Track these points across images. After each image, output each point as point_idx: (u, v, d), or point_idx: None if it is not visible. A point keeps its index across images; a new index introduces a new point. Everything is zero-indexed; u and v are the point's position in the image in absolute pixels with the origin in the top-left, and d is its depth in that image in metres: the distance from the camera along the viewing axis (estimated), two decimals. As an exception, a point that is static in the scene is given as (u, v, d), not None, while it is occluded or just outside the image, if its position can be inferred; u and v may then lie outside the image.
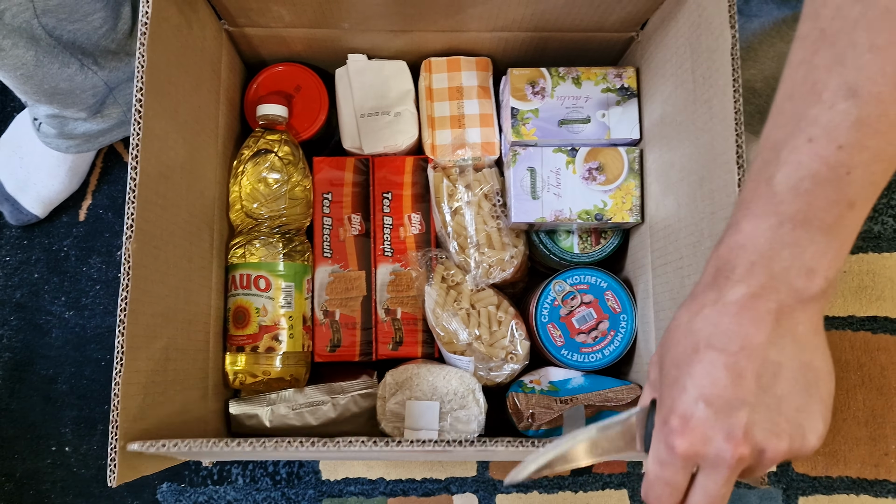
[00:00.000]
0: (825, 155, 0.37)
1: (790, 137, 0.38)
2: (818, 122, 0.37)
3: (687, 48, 0.67)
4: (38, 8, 0.73)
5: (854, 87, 0.36)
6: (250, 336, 0.75)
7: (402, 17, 0.76)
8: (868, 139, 0.36)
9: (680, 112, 0.68)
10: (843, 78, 0.36)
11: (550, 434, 0.77)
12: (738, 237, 0.40)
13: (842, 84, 0.36)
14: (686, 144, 0.67)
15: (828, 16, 0.37)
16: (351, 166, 0.82)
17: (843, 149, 0.36)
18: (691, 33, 0.66)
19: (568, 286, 0.79)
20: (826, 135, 0.36)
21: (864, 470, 0.96)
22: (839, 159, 0.36)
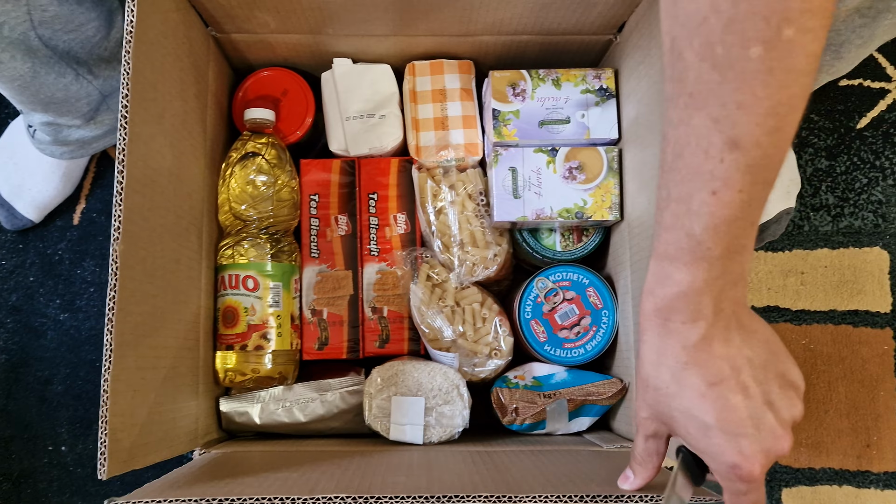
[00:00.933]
0: (730, 200, 0.42)
1: (694, 192, 0.43)
2: (715, 175, 0.42)
3: (658, 50, 0.68)
4: (36, 20, 0.74)
5: (735, 140, 0.41)
6: (239, 335, 0.76)
7: (385, 22, 0.78)
8: (758, 176, 0.42)
9: (652, 112, 0.70)
10: (723, 134, 0.41)
11: (534, 428, 0.79)
12: (676, 288, 0.46)
13: (724, 140, 0.41)
14: (657, 144, 0.68)
15: (691, 80, 0.41)
16: (337, 168, 0.84)
17: (742, 191, 0.42)
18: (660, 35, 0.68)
19: (550, 283, 0.80)
20: (725, 185, 0.42)
21: (846, 461, 0.98)
22: (742, 199, 0.42)
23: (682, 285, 0.45)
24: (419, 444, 0.75)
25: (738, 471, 0.46)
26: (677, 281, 0.45)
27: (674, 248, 0.45)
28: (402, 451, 0.72)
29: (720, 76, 0.40)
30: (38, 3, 0.73)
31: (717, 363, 0.46)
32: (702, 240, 0.44)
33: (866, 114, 1.04)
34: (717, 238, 0.43)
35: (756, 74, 0.39)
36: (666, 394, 0.48)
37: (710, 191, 0.42)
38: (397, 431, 0.75)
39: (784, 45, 0.38)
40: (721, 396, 0.46)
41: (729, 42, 0.39)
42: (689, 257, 0.45)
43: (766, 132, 0.40)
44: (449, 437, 0.76)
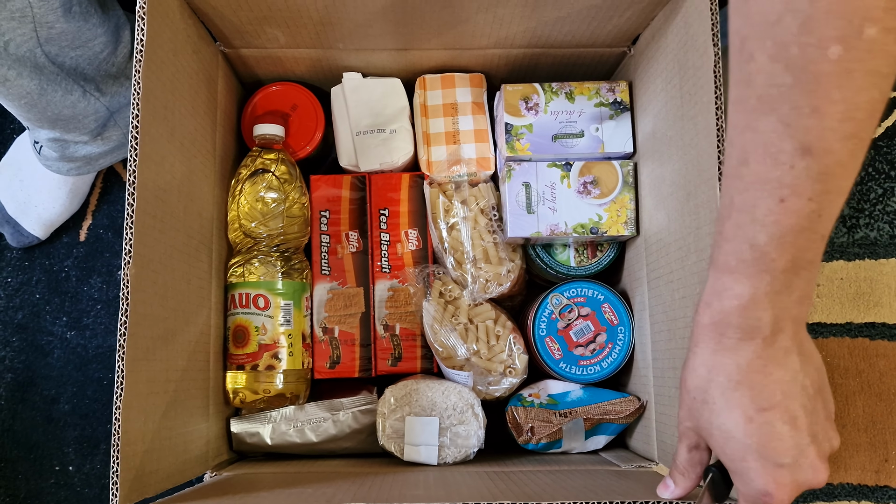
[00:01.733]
0: (798, 209, 0.40)
1: (759, 200, 0.41)
2: (783, 182, 0.40)
3: (675, 64, 0.67)
4: (42, 37, 0.74)
5: (807, 146, 0.39)
6: (250, 355, 0.75)
7: (396, 36, 0.77)
8: (829, 185, 0.40)
9: (670, 127, 0.69)
10: (795, 140, 0.39)
11: (550, 447, 0.77)
12: (735, 301, 0.44)
13: (796, 146, 0.39)
14: (675, 159, 0.68)
15: (762, 83, 0.40)
16: (348, 184, 0.83)
17: (812, 200, 0.40)
18: (679, 49, 0.67)
19: (565, 299, 0.79)
20: (794, 193, 0.40)
21: (864, 476, 0.97)
22: (811, 209, 0.40)
23: (741, 298, 0.44)
24: (434, 464, 0.74)
25: (768, 499, 0.45)
26: (736, 294, 0.44)
27: (735, 260, 0.43)
28: (418, 472, 0.71)
29: (793, 78, 0.38)
30: (45, 20, 0.72)
31: (770, 387, 0.45)
32: (766, 251, 0.42)
33: (881, 123, 1.03)
34: (781, 249, 0.42)
35: (833, 76, 0.37)
36: (711, 410, 0.47)
37: (777, 199, 0.40)
38: (412, 452, 0.74)
39: (865, 45, 0.36)
40: (768, 423, 0.45)
41: (805, 42, 0.37)
42: (751, 269, 0.43)
43: (840, 138, 0.38)
44: (464, 457, 0.74)
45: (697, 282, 0.63)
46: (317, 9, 0.71)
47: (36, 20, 0.72)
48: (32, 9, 0.70)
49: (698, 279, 0.62)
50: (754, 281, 0.43)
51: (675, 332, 0.67)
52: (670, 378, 0.68)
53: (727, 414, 0.46)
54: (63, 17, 0.73)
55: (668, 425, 0.69)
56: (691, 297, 0.64)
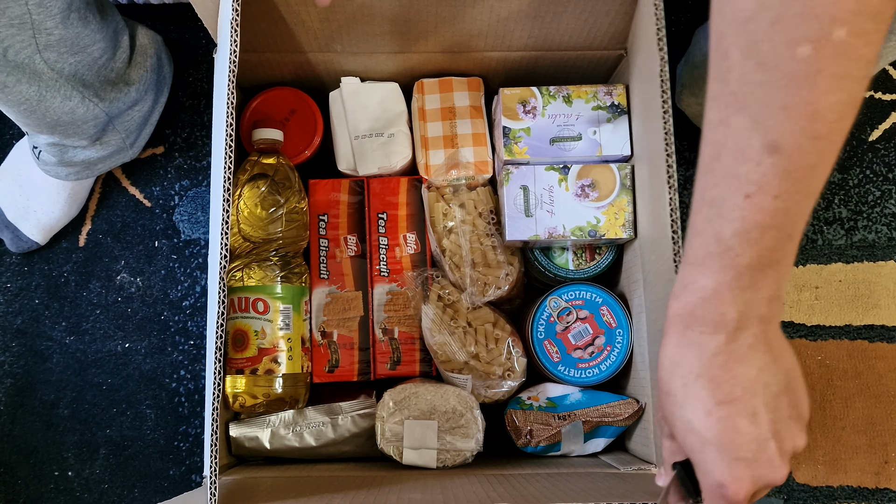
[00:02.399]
0: (764, 206, 0.40)
1: (728, 195, 0.41)
2: (750, 179, 0.40)
3: (644, 66, 0.69)
4: (41, 43, 0.74)
5: (776, 144, 0.39)
6: (249, 359, 0.75)
7: (393, 39, 0.77)
8: (797, 184, 0.40)
9: (647, 130, 0.70)
10: (764, 137, 0.39)
11: (549, 450, 0.77)
12: (700, 294, 0.44)
13: (764, 143, 0.39)
14: (657, 161, 0.69)
15: (734, 80, 0.40)
16: (346, 188, 0.83)
17: (778, 198, 0.40)
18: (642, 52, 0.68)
19: (563, 302, 0.79)
20: (760, 190, 0.40)
21: (864, 479, 0.97)
22: (777, 206, 0.40)
23: (705, 291, 0.44)
24: (433, 468, 0.74)
25: (724, 490, 0.45)
26: (701, 286, 0.44)
27: (702, 253, 0.44)
28: (417, 475, 0.71)
29: (764, 76, 0.38)
30: (43, 26, 0.72)
31: (730, 382, 0.45)
32: (730, 245, 0.42)
33: (878, 126, 1.03)
34: (746, 245, 0.42)
35: (802, 76, 0.37)
36: (674, 401, 0.47)
37: (743, 194, 0.40)
38: (411, 456, 0.74)
39: (834, 46, 0.36)
40: (726, 417, 0.45)
41: (776, 40, 0.37)
42: (716, 263, 0.43)
43: (809, 137, 0.38)
44: (463, 461, 0.74)
45: (666, 282, 0.63)
46: (315, 9, 0.71)
47: (35, 26, 0.72)
48: (31, 15, 0.71)
49: (665, 280, 0.63)
50: (719, 275, 0.43)
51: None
52: (668, 380, 0.69)
53: (688, 406, 0.46)
54: (62, 24, 0.74)
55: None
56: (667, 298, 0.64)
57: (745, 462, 0.45)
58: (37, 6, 0.70)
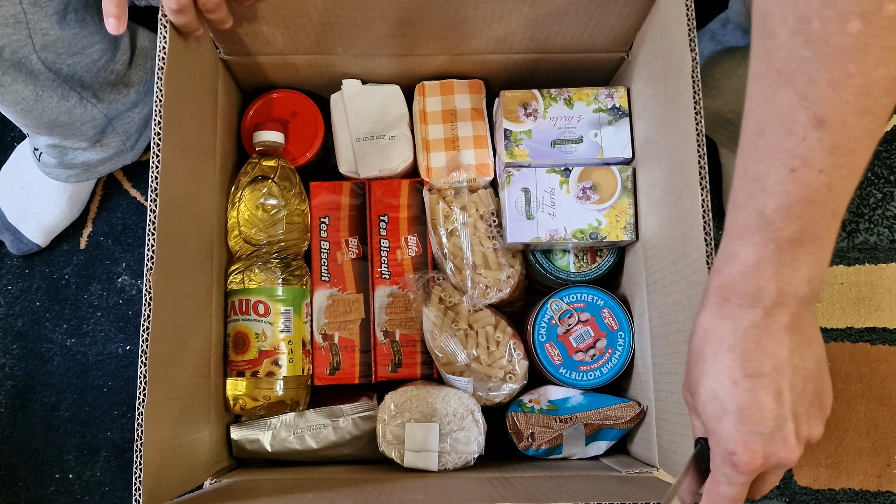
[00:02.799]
0: (809, 180, 0.41)
1: (771, 170, 0.42)
2: (796, 153, 0.41)
3: (661, 69, 0.68)
4: (38, 43, 0.74)
5: (821, 118, 0.39)
6: (250, 361, 0.75)
7: (395, 42, 0.77)
8: (842, 159, 0.40)
9: (658, 132, 0.69)
10: (809, 111, 0.40)
11: (551, 453, 0.77)
12: (740, 267, 0.45)
13: (810, 117, 0.40)
14: (664, 164, 0.68)
15: (781, 57, 0.40)
16: (347, 190, 0.83)
17: (823, 172, 0.40)
18: (662, 55, 0.67)
19: (565, 305, 0.79)
20: (805, 164, 0.40)
21: (866, 482, 0.96)
22: (821, 181, 0.41)
23: (746, 265, 0.44)
24: (434, 471, 0.74)
25: (734, 457, 0.46)
26: (742, 260, 0.44)
27: (743, 227, 0.44)
28: (418, 478, 0.71)
29: (812, 51, 0.39)
30: (39, 26, 0.72)
31: (760, 357, 0.45)
32: (772, 219, 0.42)
33: (879, 128, 1.03)
34: (788, 219, 0.42)
35: (851, 51, 0.38)
36: (701, 369, 0.47)
37: (788, 168, 0.41)
38: (412, 458, 0.74)
39: (884, 21, 0.37)
40: (751, 390, 0.45)
41: (827, 16, 0.38)
42: (757, 237, 0.43)
43: (855, 112, 0.39)
44: (464, 463, 0.74)
45: (687, 286, 0.63)
46: (317, 12, 0.71)
47: (30, 26, 0.72)
48: (26, 14, 0.70)
49: (687, 283, 0.63)
50: (760, 248, 0.44)
51: (670, 336, 0.67)
52: (668, 383, 0.68)
53: (714, 374, 0.46)
54: (58, 25, 0.74)
55: (668, 430, 0.69)
56: (683, 301, 0.64)
57: (760, 436, 0.45)
58: (31, 5, 0.70)
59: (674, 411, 0.68)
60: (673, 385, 0.67)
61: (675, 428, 0.67)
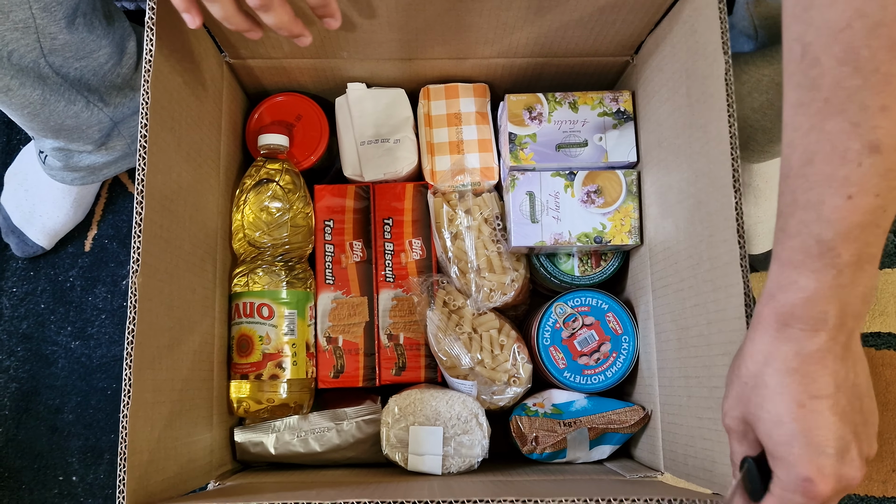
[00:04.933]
0: (865, 205, 0.42)
1: (826, 197, 0.43)
2: (851, 180, 0.42)
3: (682, 73, 0.68)
4: (45, 47, 0.74)
5: (875, 144, 0.41)
6: (254, 364, 0.75)
7: (399, 45, 0.77)
8: (894, 181, 0.42)
9: (677, 136, 0.69)
10: (863, 139, 0.41)
11: (555, 457, 0.77)
12: (801, 293, 0.45)
13: (864, 144, 0.41)
14: (683, 168, 0.67)
15: (828, 86, 0.41)
16: (352, 193, 0.83)
17: (879, 196, 0.42)
18: (687, 58, 0.67)
19: (569, 308, 0.79)
20: (862, 190, 0.42)
21: (871, 487, 0.96)
22: (877, 204, 0.42)
23: (807, 291, 0.45)
24: (438, 474, 0.74)
25: (810, 486, 0.46)
26: (802, 287, 0.45)
27: (801, 255, 0.45)
28: (422, 481, 0.70)
29: (863, 80, 0.40)
30: (48, 31, 0.73)
31: (825, 378, 0.46)
32: (832, 245, 0.43)
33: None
34: (847, 244, 0.43)
35: None
36: (762, 394, 0.48)
37: (844, 195, 0.42)
38: (415, 461, 0.74)
39: None
40: (818, 411, 0.45)
41: (875, 45, 0.39)
42: (817, 264, 0.44)
43: None
44: (468, 467, 0.74)
45: (711, 289, 0.62)
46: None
47: (39, 31, 0.72)
48: (35, 20, 0.71)
49: (712, 287, 0.62)
50: (820, 275, 0.44)
51: (687, 340, 0.67)
52: (680, 387, 0.68)
53: (779, 398, 0.47)
54: (66, 29, 0.74)
55: (674, 434, 0.69)
56: (704, 304, 0.63)
57: (831, 459, 0.45)
58: (41, 10, 0.70)
59: (680, 416, 0.68)
60: (684, 389, 0.67)
61: (680, 431, 0.67)
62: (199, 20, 0.58)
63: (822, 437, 0.45)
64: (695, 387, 0.65)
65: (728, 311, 0.59)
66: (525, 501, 0.53)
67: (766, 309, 0.47)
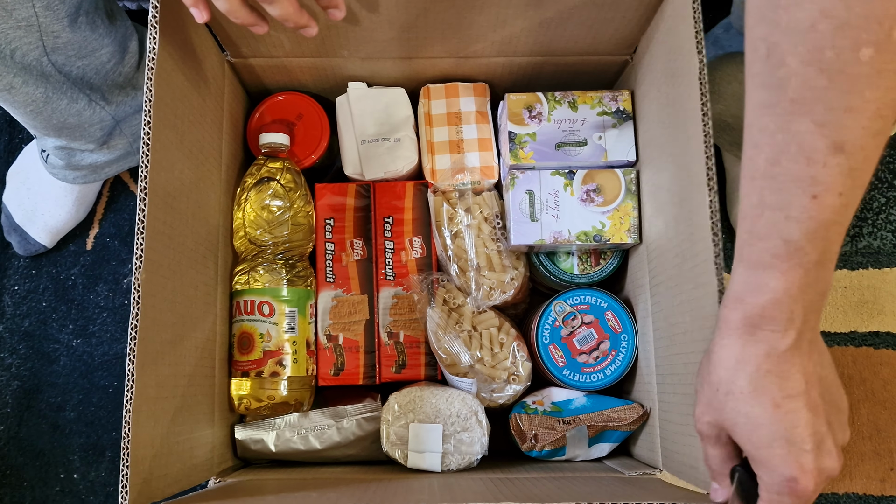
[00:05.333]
0: (831, 204, 0.42)
1: (793, 198, 0.43)
2: (817, 180, 0.42)
3: (664, 72, 0.68)
4: (48, 46, 0.74)
5: (840, 144, 0.41)
6: (255, 361, 0.76)
7: (400, 44, 0.78)
8: (858, 180, 0.42)
9: (662, 134, 0.70)
10: (828, 139, 0.41)
11: (554, 454, 0.77)
12: (771, 295, 0.46)
13: (829, 144, 0.41)
14: (670, 166, 0.68)
15: (795, 87, 0.41)
16: (352, 192, 0.84)
17: (843, 195, 0.42)
18: (667, 57, 0.68)
19: (568, 307, 0.79)
20: (827, 189, 0.42)
21: (869, 485, 0.96)
22: (841, 203, 0.43)
23: (777, 292, 0.45)
24: (437, 471, 0.74)
25: (795, 485, 0.46)
26: (772, 288, 0.45)
27: (769, 256, 0.45)
28: (422, 478, 0.71)
29: (828, 81, 0.40)
30: (51, 29, 0.73)
31: (796, 376, 0.47)
32: (800, 245, 0.44)
33: (883, 133, 1.04)
34: (814, 243, 0.44)
35: (865, 77, 0.39)
36: (737, 398, 0.48)
37: (810, 195, 0.42)
38: (415, 459, 0.74)
39: (894, 46, 0.39)
40: (793, 410, 0.46)
41: (840, 46, 0.39)
42: (785, 264, 0.45)
43: (871, 135, 0.41)
44: (468, 464, 0.74)
45: (693, 287, 0.63)
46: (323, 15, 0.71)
47: (42, 29, 0.73)
48: (38, 18, 0.71)
49: (694, 284, 0.63)
50: (788, 276, 0.45)
51: (675, 338, 0.67)
52: (671, 384, 0.69)
53: (755, 400, 0.47)
54: (69, 27, 0.74)
55: (672, 432, 0.69)
56: (688, 302, 0.64)
57: (811, 454, 0.46)
58: (44, 9, 0.71)
59: (677, 413, 0.68)
60: (675, 386, 0.68)
61: (679, 430, 0.68)
62: (207, 15, 0.59)
63: (800, 434, 0.46)
64: (688, 384, 0.65)
65: (706, 309, 0.60)
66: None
67: (734, 313, 0.48)
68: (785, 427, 0.46)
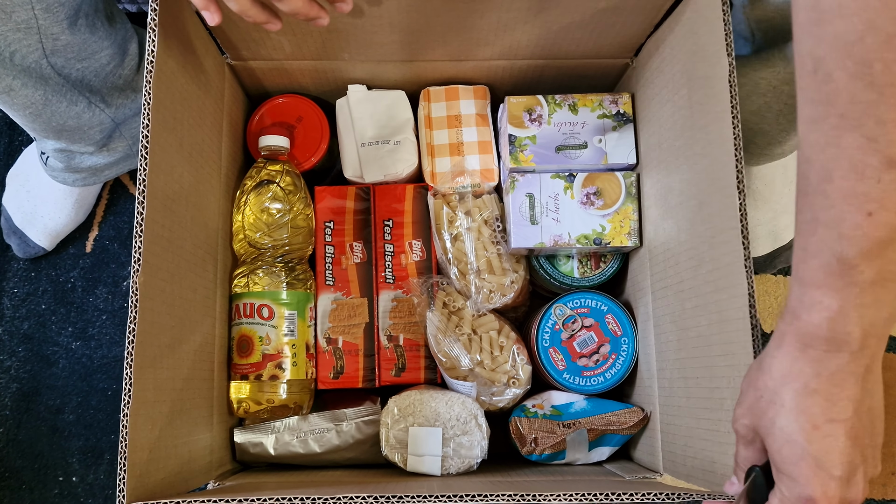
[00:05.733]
0: (886, 222, 0.41)
1: (846, 215, 0.42)
2: (870, 196, 0.41)
3: (683, 75, 0.68)
4: (48, 48, 0.74)
5: (893, 159, 0.40)
6: (254, 364, 0.75)
7: (400, 47, 0.78)
8: None
9: (677, 137, 0.69)
10: (881, 154, 0.40)
11: (554, 458, 0.77)
12: (825, 313, 0.45)
13: (882, 159, 0.40)
14: (684, 169, 0.68)
15: (843, 101, 0.40)
16: (352, 195, 0.84)
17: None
18: (687, 60, 0.67)
19: (569, 310, 0.79)
20: (882, 206, 0.41)
21: (872, 490, 0.96)
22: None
23: (830, 311, 0.44)
24: (437, 475, 0.74)
25: None
26: (826, 306, 0.44)
27: (822, 274, 0.44)
28: (421, 481, 0.71)
29: (877, 94, 0.39)
30: (50, 31, 0.73)
31: (843, 402, 0.46)
32: (854, 263, 0.42)
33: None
34: (869, 262, 0.42)
35: None
36: (778, 410, 0.48)
37: (865, 212, 0.41)
38: (415, 462, 0.74)
39: None
40: (833, 435, 0.45)
41: (889, 58, 0.38)
42: (839, 283, 0.43)
43: None
44: (467, 468, 0.74)
45: (712, 290, 0.62)
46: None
47: (41, 32, 0.72)
48: (38, 21, 0.71)
49: (713, 288, 0.62)
50: (842, 294, 0.44)
51: (687, 341, 0.67)
52: (679, 388, 0.68)
53: (794, 417, 0.47)
54: (68, 30, 0.74)
55: (673, 435, 0.69)
56: (705, 305, 0.63)
57: (838, 481, 0.45)
58: (43, 11, 0.71)
59: (677, 416, 0.68)
60: (685, 390, 0.67)
61: (679, 433, 0.67)
62: (219, 17, 0.59)
63: (833, 460, 0.45)
64: (694, 388, 0.65)
65: (729, 313, 0.59)
66: (522, 496, 0.53)
67: (790, 329, 0.47)
68: (819, 449, 0.46)
